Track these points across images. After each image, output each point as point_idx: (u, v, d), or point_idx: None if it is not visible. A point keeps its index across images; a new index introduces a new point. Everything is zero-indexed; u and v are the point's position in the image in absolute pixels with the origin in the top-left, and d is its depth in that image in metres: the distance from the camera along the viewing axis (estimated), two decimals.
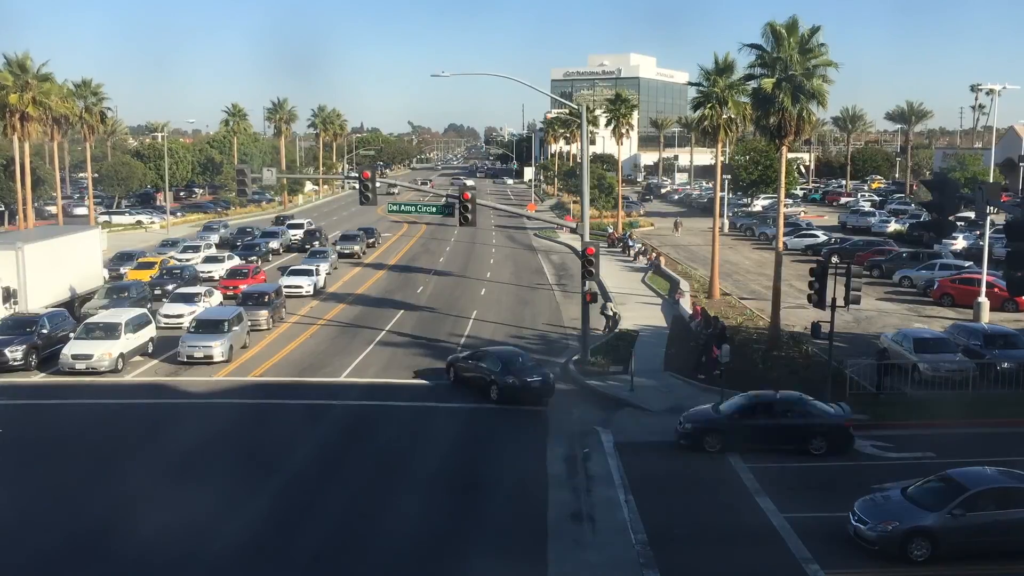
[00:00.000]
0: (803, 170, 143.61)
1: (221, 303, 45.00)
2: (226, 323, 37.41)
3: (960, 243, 65.51)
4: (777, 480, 24.25)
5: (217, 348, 35.94)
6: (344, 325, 44.73)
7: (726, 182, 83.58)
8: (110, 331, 35.61)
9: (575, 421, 30.01)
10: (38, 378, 34.63)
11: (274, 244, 71.20)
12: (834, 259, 39.82)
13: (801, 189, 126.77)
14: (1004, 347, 34.45)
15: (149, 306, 43.52)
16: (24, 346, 34.94)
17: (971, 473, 21.02)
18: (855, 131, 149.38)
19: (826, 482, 24.46)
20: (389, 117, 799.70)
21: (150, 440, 27.80)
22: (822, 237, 72.50)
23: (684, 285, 53.39)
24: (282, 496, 23.67)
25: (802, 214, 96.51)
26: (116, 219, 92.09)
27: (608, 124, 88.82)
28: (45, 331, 36.50)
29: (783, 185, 42.81)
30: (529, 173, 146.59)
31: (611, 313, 43.62)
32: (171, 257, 61.93)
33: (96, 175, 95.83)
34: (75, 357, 34.39)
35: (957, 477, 20.69)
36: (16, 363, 34.46)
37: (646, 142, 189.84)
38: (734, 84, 48.12)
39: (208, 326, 37.23)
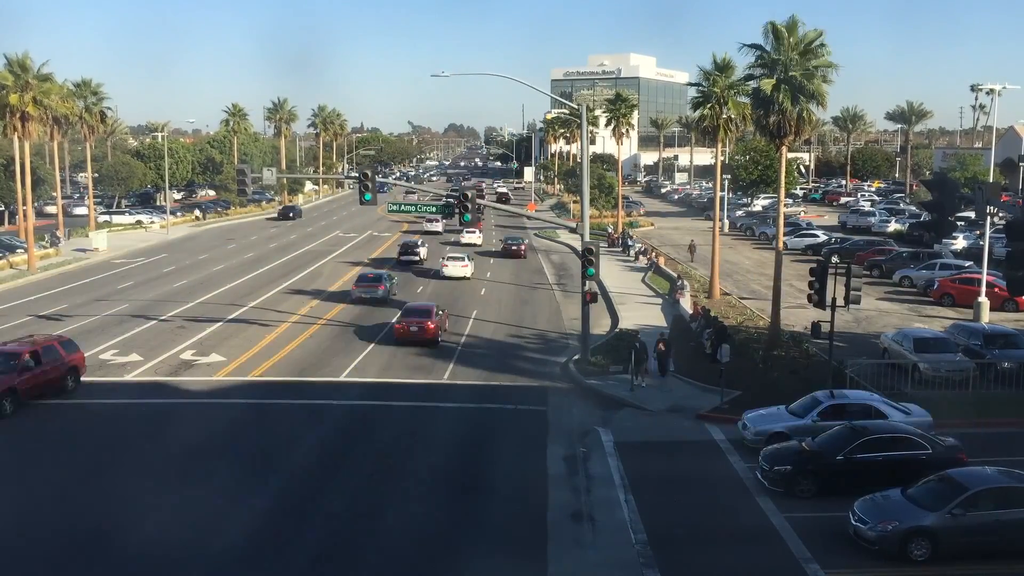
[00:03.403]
0: (803, 170, 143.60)
1: None
2: None
3: (960, 243, 65.53)
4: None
5: None
6: (344, 325, 44.72)
7: (726, 182, 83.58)
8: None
9: (575, 421, 30.00)
10: None
11: None
12: (834, 259, 39.81)
13: (801, 189, 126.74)
14: (1004, 347, 34.44)
15: None
16: None
17: (971, 473, 21.04)
18: (855, 131, 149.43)
19: None
20: (389, 117, 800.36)
21: (150, 440, 27.76)
22: (822, 237, 72.52)
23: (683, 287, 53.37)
24: (282, 496, 23.65)
25: (802, 214, 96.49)
26: (116, 219, 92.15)
27: (608, 124, 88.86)
28: None
29: (783, 185, 42.82)
30: (529, 173, 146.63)
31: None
32: None
33: (96, 175, 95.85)
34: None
35: (957, 477, 20.71)
36: None
37: (646, 142, 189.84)
38: (734, 84, 48.13)
39: None
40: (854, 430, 24.23)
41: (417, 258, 66.31)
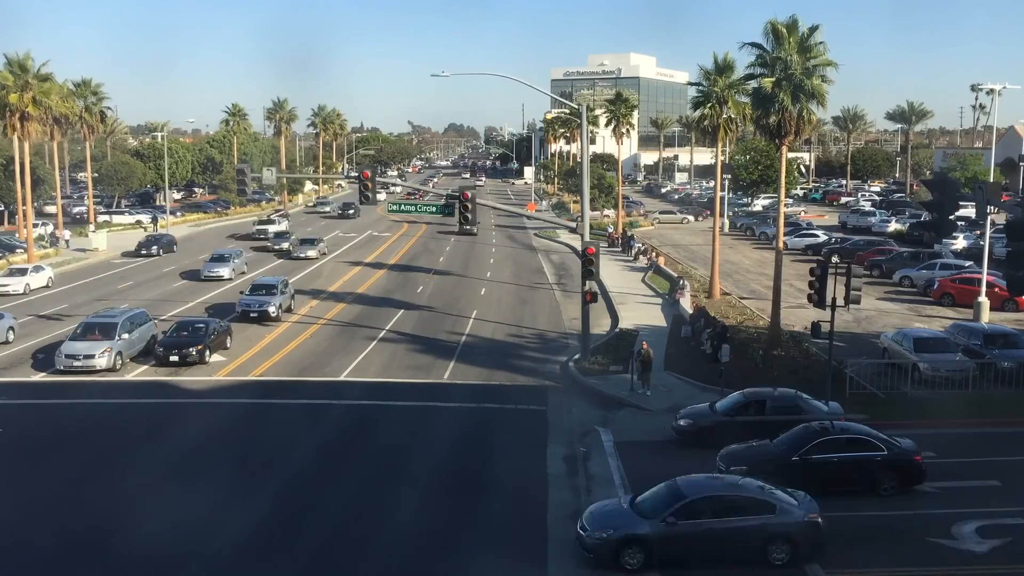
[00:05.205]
0: (803, 170, 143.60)
1: None
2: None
3: (960, 243, 65.48)
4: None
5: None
6: (344, 324, 44.72)
7: (726, 182, 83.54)
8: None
9: (575, 421, 29.98)
10: (38, 377, 34.60)
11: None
12: (834, 259, 39.83)
13: (801, 189, 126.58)
14: (1004, 347, 34.40)
15: None
16: None
17: (693, 481, 20.44)
18: (855, 131, 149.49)
19: None
20: (389, 117, 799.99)
21: (150, 439, 27.78)
22: (822, 237, 72.50)
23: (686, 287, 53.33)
24: (282, 496, 23.64)
25: (803, 213, 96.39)
26: (116, 219, 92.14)
27: (608, 124, 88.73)
28: None
29: (783, 185, 42.80)
30: (529, 173, 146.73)
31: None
32: None
33: (96, 175, 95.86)
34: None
35: (681, 485, 20.15)
36: None
37: (646, 142, 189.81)
38: (734, 84, 48.09)
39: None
40: (815, 431, 23.91)
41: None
